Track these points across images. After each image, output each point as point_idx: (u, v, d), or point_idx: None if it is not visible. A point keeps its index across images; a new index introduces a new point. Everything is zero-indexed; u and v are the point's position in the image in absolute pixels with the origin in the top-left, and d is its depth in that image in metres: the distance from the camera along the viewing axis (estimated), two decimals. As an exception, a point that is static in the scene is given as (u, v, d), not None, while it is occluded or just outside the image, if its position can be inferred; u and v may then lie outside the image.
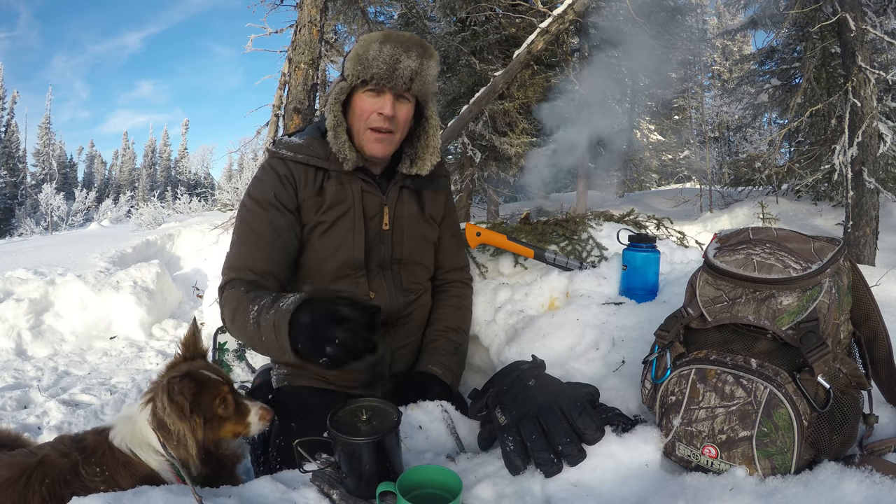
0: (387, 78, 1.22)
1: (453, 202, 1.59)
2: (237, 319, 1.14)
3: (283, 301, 1.06)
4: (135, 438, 1.08)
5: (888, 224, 6.82)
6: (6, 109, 33.07)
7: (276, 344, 1.03)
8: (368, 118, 1.26)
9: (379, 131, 1.26)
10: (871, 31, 5.66)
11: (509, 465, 0.93)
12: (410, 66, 1.22)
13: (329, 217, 1.30)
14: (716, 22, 19.41)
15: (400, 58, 1.21)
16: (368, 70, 1.22)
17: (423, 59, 1.24)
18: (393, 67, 1.21)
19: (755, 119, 10.22)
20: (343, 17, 5.01)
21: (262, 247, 1.25)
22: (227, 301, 1.19)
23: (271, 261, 1.25)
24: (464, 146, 7.57)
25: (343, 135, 1.28)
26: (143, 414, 1.08)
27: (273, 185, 1.29)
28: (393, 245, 1.38)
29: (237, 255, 1.26)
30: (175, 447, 1.06)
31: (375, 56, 1.21)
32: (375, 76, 1.22)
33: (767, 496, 0.77)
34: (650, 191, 15.33)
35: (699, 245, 2.33)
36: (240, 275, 1.23)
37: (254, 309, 1.10)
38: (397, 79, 1.22)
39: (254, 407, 1.16)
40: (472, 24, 7.16)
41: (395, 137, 1.30)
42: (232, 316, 1.17)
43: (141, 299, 4.01)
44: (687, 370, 0.91)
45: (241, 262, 1.24)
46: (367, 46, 1.23)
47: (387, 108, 1.24)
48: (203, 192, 35.16)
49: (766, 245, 0.93)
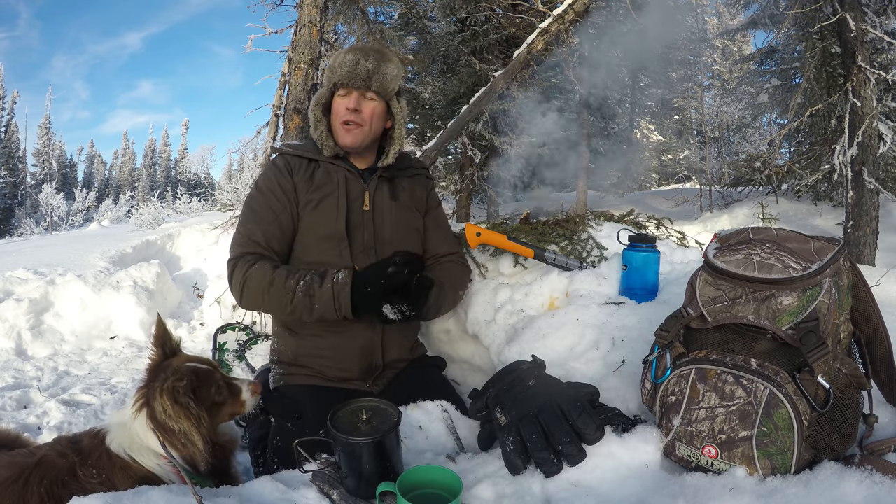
0: (348, 77, 1.48)
1: (437, 198, 1.76)
2: (273, 292, 1.36)
3: (332, 276, 1.35)
4: (133, 444, 1.08)
5: (888, 224, 6.82)
6: (6, 109, 33.05)
7: (334, 307, 1.34)
8: (339, 114, 1.51)
9: (347, 123, 1.50)
10: (871, 31, 5.65)
11: (509, 465, 0.93)
12: (367, 67, 1.47)
13: (317, 196, 1.50)
14: (716, 22, 19.40)
15: (359, 61, 1.47)
16: (336, 74, 1.50)
17: (379, 62, 1.48)
18: (353, 69, 1.47)
19: (755, 119, 10.23)
20: (343, 17, 5.00)
21: (262, 224, 1.47)
22: (254, 275, 1.39)
23: (270, 236, 1.47)
24: (464, 146, 7.57)
25: (321, 127, 1.54)
26: (139, 420, 1.07)
27: (274, 173, 1.53)
28: (375, 226, 1.54)
29: (242, 233, 1.48)
30: (181, 447, 1.06)
31: (341, 63, 1.49)
32: (342, 78, 1.49)
33: (767, 496, 0.77)
34: (650, 191, 15.33)
35: (699, 245, 2.33)
36: (247, 248, 1.45)
37: (298, 283, 1.35)
38: (356, 78, 1.47)
39: (243, 384, 1.20)
40: (472, 24, 7.15)
41: (363, 129, 1.51)
42: (266, 287, 1.37)
43: (141, 299, 4.01)
44: (687, 370, 0.91)
45: (246, 238, 1.46)
46: (335, 58, 1.52)
47: (351, 102, 1.49)
48: (203, 192, 35.17)
49: (766, 245, 0.93)
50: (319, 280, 1.36)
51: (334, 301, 1.33)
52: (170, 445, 1.06)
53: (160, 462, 1.08)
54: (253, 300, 1.42)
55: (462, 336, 1.92)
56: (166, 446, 1.05)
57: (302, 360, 1.50)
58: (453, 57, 7.09)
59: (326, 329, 1.47)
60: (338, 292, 1.33)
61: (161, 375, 1.09)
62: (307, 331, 1.49)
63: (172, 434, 1.05)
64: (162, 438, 1.05)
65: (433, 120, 7.88)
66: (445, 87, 7.32)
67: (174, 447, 1.06)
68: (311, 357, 1.49)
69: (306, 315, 1.37)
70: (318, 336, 1.48)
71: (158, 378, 1.09)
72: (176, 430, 1.05)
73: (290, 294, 1.35)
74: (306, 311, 1.36)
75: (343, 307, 1.33)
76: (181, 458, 1.07)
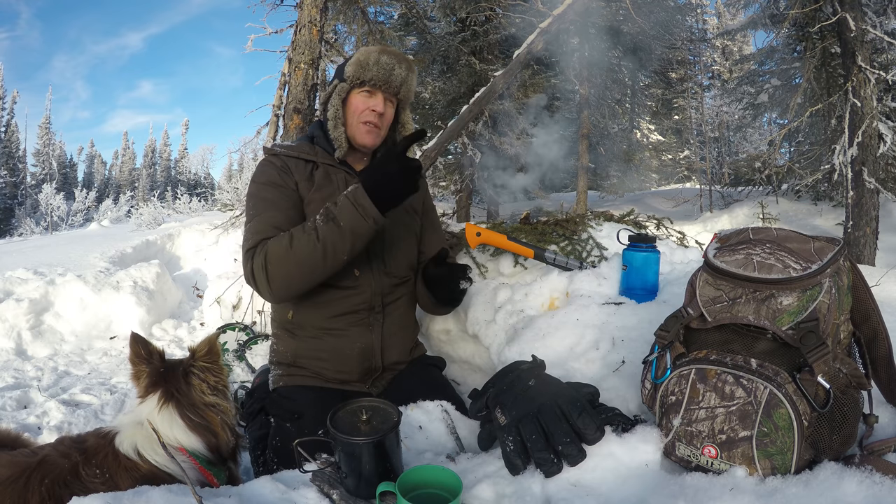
0: (383, 81, 1.48)
1: (432, 202, 1.76)
2: (296, 245, 1.28)
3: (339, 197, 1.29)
4: (149, 442, 1.09)
5: (888, 224, 6.81)
6: (6, 109, 33.04)
7: (359, 213, 1.25)
8: (362, 113, 1.49)
9: (368, 123, 1.49)
10: (871, 31, 5.65)
11: (509, 465, 0.93)
12: (401, 74, 1.49)
13: (317, 196, 1.47)
14: (716, 22, 19.39)
15: (394, 67, 1.48)
16: (368, 73, 1.47)
17: (409, 72, 1.51)
18: (389, 73, 1.47)
19: (755, 119, 10.21)
20: (343, 17, 5.01)
21: (281, 208, 1.42)
22: (272, 245, 1.31)
23: (289, 219, 1.40)
24: (464, 146, 7.56)
25: (341, 126, 1.50)
26: (164, 413, 1.12)
27: (274, 169, 1.49)
28: None
29: (259, 222, 1.39)
30: (211, 431, 1.14)
31: (376, 62, 1.46)
32: (374, 79, 1.47)
33: (767, 496, 0.77)
34: (650, 191, 15.33)
35: (699, 245, 2.33)
36: (267, 234, 1.36)
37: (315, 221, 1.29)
38: (391, 83, 1.49)
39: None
40: (472, 24, 7.16)
41: (380, 132, 1.54)
42: (288, 246, 1.28)
43: (141, 299, 4.00)
44: (687, 370, 0.91)
45: (263, 226, 1.38)
46: (367, 56, 1.48)
47: (379, 105, 1.50)
48: (203, 192, 35.10)
49: (766, 245, 0.93)
50: (333, 204, 1.29)
51: (356, 207, 1.25)
52: (196, 432, 1.12)
53: (178, 456, 1.09)
54: (280, 271, 1.30)
55: (462, 336, 1.92)
56: (195, 433, 1.12)
57: (301, 361, 1.50)
58: (453, 57, 7.08)
59: (325, 331, 1.47)
60: (354, 197, 1.26)
61: (178, 368, 1.17)
62: (306, 332, 1.49)
63: (205, 412, 1.14)
64: (190, 425, 1.12)
65: (433, 120, 7.87)
66: (445, 87, 7.32)
67: (199, 433, 1.13)
68: (310, 359, 1.49)
69: (339, 242, 1.27)
70: (316, 338, 1.48)
71: (176, 371, 1.16)
72: (214, 404, 1.14)
73: (313, 233, 1.27)
74: (338, 238, 1.26)
75: (367, 209, 1.24)
76: (205, 445, 1.13)
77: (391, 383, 1.54)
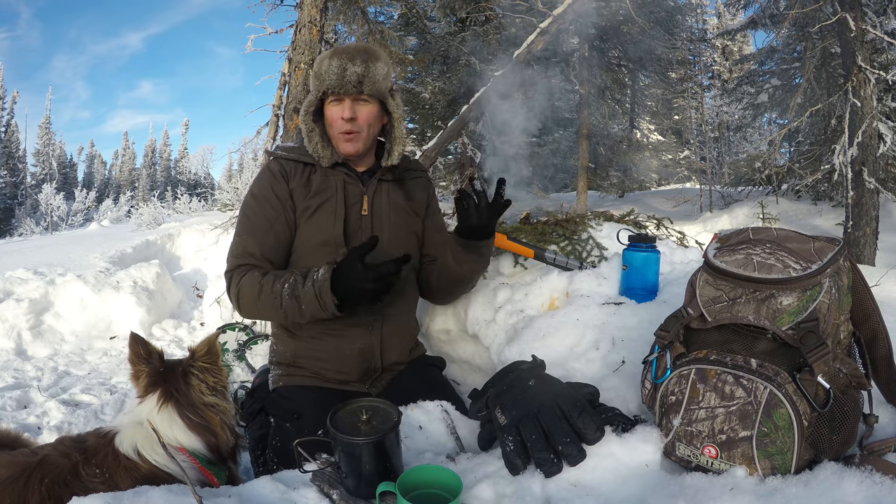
0: (338, 85, 1.39)
1: (437, 203, 1.72)
2: (263, 298, 1.34)
3: (313, 274, 1.30)
4: (149, 441, 1.09)
5: (888, 224, 6.81)
6: (6, 109, 33.03)
7: (319, 305, 1.28)
8: (335, 124, 1.45)
9: (343, 134, 1.44)
10: (871, 31, 5.65)
11: (509, 465, 0.93)
12: (356, 71, 1.38)
13: (314, 202, 1.47)
14: (716, 22, 19.39)
15: (346, 66, 1.38)
16: (324, 83, 1.41)
17: (368, 63, 1.39)
18: (342, 76, 1.38)
19: (755, 119, 10.21)
20: (343, 17, 5.01)
21: (258, 235, 1.44)
22: (245, 285, 1.37)
23: (266, 247, 1.44)
24: (464, 146, 7.56)
25: (315, 138, 1.48)
26: (164, 413, 1.12)
27: (269, 180, 1.49)
28: (373, 231, 1.51)
29: (238, 244, 1.45)
30: (210, 430, 1.14)
31: (326, 69, 1.39)
32: (331, 86, 1.40)
33: (767, 496, 0.77)
34: (650, 191, 15.30)
35: (699, 245, 2.33)
36: (242, 261, 1.42)
37: (283, 287, 1.32)
38: (346, 85, 1.39)
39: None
40: (472, 24, 7.16)
41: (362, 135, 1.46)
42: (256, 295, 1.35)
43: (141, 299, 4.00)
44: (687, 370, 0.91)
45: (241, 250, 1.44)
46: (320, 63, 1.42)
47: (346, 112, 1.41)
48: (203, 192, 35.09)
49: (766, 245, 0.93)
50: (302, 280, 1.31)
51: (318, 299, 1.27)
52: (195, 431, 1.12)
53: (178, 455, 1.09)
54: (249, 310, 1.42)
55: (462, 336, 1.92)
56: (195, 433, 1.12)
57: (301, 361, 1.50)
58: (453, 57, 7.08)
59: (324, 332, 1.46)
60: (319, 289, 1.27)
61: (177, 368, 1.17)
62: (306, 333, 1.48)
63: (204, 412, 1.14)
64: (190, 425, 1.12)
65: (433, 120, 7.87)
66: (445, 87, 7.31)
67: (199, 433, 1.13)
68: (310, 359, 1.49)
69: (298, 317, 1.33)
70: (316, 339, 1.48)
71: (175, 371, 1.16)
72: (213, 404, 1.14)
73: (278, 299, 1.32)
74: (297, 313, 1.32)
75: (327, 304, 1.27)
76: (205, 445, 1.13)
77: (391, 383, 1.54)
